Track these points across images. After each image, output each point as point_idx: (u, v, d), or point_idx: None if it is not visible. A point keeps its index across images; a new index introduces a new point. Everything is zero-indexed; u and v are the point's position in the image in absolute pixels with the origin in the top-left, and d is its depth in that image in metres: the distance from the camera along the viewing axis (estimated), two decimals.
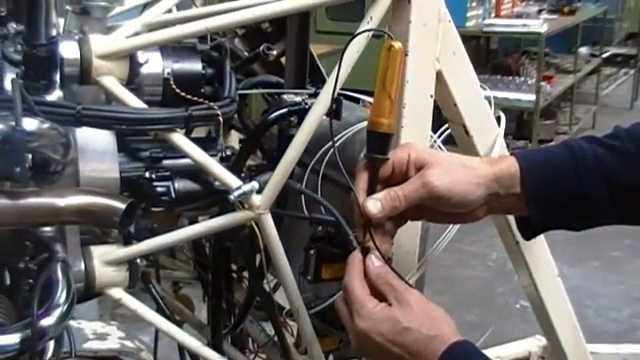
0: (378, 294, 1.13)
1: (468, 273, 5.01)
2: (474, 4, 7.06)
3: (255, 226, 1.33)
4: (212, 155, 1.36)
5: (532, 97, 6.88)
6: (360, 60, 1.29)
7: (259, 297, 1.67)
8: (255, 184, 1.28)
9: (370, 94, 1.36)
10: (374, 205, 1.15)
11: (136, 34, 1.32)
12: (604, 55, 9.54)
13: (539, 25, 6.95)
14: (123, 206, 1.20)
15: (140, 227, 1.36)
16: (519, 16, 7.73)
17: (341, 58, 1.25)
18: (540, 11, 8.20)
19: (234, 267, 1.86)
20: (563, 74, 8.26)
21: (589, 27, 8.95)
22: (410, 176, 1.17)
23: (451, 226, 1.40)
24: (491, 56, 8.71)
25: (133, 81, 1.31)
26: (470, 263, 5.13)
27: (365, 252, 1.16)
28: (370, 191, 1.17)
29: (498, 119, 1.55)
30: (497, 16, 7.51)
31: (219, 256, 1.61)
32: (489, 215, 1.26)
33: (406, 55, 1.30)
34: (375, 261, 1.15)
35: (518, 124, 7.38)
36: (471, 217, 1.22)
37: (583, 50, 8.94)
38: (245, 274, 1.85)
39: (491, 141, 1.52)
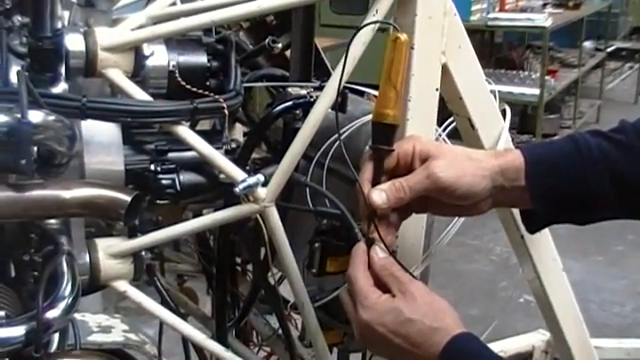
0: (382, 285, 1.13)
1: (472, 267, 5.02)
2: None
3: (260, 219, 1.33)
4: (217, 148, 1.35)
5: (536, 91, 6.87)
6: (364, 54, 1.29)
7: (263, 290, 1.67)
8: (260, 177, 1.28)
9: (374, 88, 1.36)
10: (379, 196, 1.15)
11: (141, 27, 1.31)
12: (609, 49, 9.53)
13: (543, 19, 6.95)
14: (128, 199, 1.20)
15: (145, 220, 1.36)
16: (523, 10, 7.72)
17: (347, 50, 1.24)
18: (545, 5, 8.19)
19: (238, 260, 1.86)
20: (567, 68, 8.26)
21: (594, 21, 8.95)
22: (415, 168, 1.17)
23: (456, 219, 1.40)
24: (495, 50, 8.70)
25: (138, 74, 1.30)
26: (474, 257, 5.13)
27: (369, 243, 1.16)
28: (375, 182, 1.17)
29: (503, 113, 1.55)
30: (501, 10, 7.50)
31: (224, 249, 1.61)
32: (494, 209, 1.26)
33: (412, 48, 1.30)
34: (379, 252, 1.15)
35: (522, 118, 7.37)
36: (476, 210, 1.22)
37: (587, 44, 8.93)
38: (250, 267, 1.85)
39: (496, 134, 1.52)
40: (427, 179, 1.15)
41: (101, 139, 1.27)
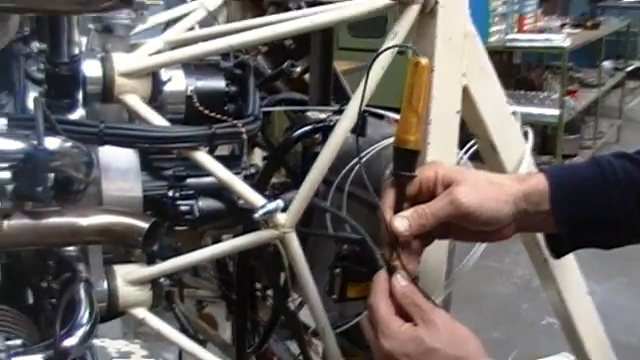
0: (404, 314, 1.11)
1: (493, 290, 4.97)
2: (497, 19, 7.05)
3: (280, 245, 1.31)
4: (236, 173, 1.35)
5: (556, 112, 6.84)
6: (383, 76, 1.27)
7: (284, 316, 1.66)
8: (280, 202, 1.27)
9: (394, 111, 1.34)
10: (401, 223, 1.13)
11: (159, 52, 1.31)
12: (628, 69, 9.47)
13: (562, 39, 6.93)
14: (146, 225, 1.19)
15: (164, 246, 1.35)
16: (542, 31, 7.70)
17: (367, 74, 1.23)
18: (563, 25, 8.16)
19: (258, 286, 1.84)
20: (587, 88, 8.21)
21: (612, 41, 8.90)
22: (437, 194, 1.15)
23: (478, 244, 1.38)
24: (514, 71, 8.67)
25: (156, 99, 1.30)
26: (495, 280, 5.09)
27: (391, 271, 1.14)
28: (397, 209, 1.15)
29: (525, 135, 1.53)
30: (520, 31, 7.49)
31: (243, 275, 1.60)
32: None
33: (432, 70, 1.29)
34: (401, 280, 1.13)
35: (542, 139, 7.34)
36: (499, 235, 1.19)
37: (607, 64, 8.88)
38: (269, 293, 1.84)
39: (518, 157, 1.51)
40: (450, 205, 1.13)
41: (119, 165, 1.27)
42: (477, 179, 1.16)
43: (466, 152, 1.47)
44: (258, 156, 1.86)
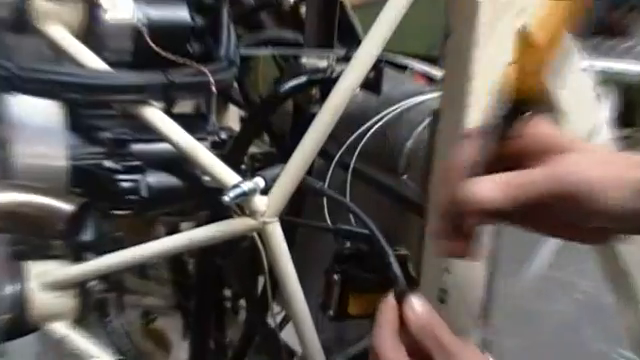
0: (418, 353, 1.08)
1: (549, 308, 5.01)
2: None
3: (258, 239, 1.31)
4: (201, 139, 1.34)
5: None
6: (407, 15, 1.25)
7: (260, 336, 1.66)
8: (260, 181, 1.25)
9: (422, 59, 1.32)
10: (489, 188, 1.08)
11: None
12: None
13: None
14: (71, 208, 1.18)
15: (97, 237, 1.34)
16: None
17: (385, 8, 1.21)
18: None
19: (227, 293, 1.85)
20: None
21: None
22: (536, 162, 1.11)
23: (542, 250, 1.36)
24: (588, 12, 8.71)
25: (92, 32, 1.29)
26: (553, 294, 5.12)
27: (401, 293, 1.10)
28: (474, 173, 1.11)
29: (602, 97, 1.53)
30: None
31: (206, 278, 1.60)
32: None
33: None
34: (417, 306, 1.10)
35: (624, 104, 7.36)
36: (600, 235, 1.16)
37: None
38: (242, 303, 1.84)
39: (591, 126, 1.49)
40: (554, 179, 1.09)
41: (37, 123, 1.26)
42: (594, 153, 1.13)
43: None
44: (234, 117, 1.87)
